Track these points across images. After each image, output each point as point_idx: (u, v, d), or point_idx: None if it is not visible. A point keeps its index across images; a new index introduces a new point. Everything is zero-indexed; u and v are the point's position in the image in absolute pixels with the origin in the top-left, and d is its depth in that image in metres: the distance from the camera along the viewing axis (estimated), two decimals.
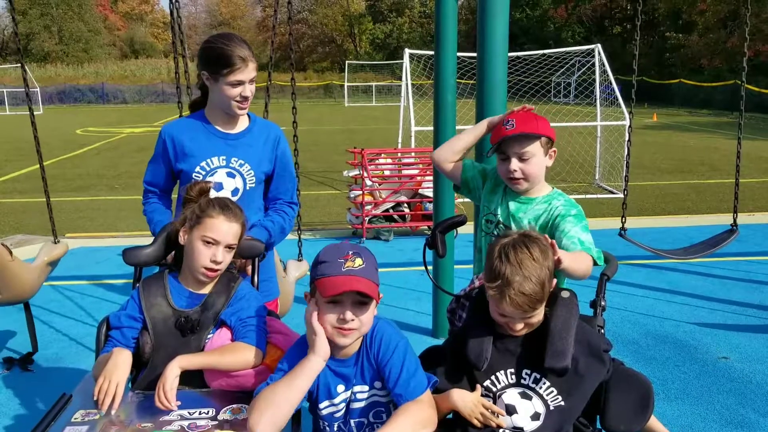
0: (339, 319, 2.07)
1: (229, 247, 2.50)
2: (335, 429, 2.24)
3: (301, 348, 2.19)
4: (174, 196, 3.21)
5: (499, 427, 2.11)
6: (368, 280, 2.07)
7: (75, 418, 2.12)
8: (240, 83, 2.91)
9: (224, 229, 2.48)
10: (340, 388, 2.18)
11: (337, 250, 2.14)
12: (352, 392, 2.19)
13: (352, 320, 2.06)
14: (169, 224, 2.76)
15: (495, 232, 2.63)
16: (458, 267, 5.27)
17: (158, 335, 2.43)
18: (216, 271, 2.48)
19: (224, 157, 3.04)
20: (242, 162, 3.05)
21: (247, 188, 3.07)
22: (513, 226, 2.60)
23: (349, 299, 2.07)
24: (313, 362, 2.09)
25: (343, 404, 2.20)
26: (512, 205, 2.63)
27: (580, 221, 2.52)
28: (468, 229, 3.99)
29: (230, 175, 3.04)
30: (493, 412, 2.11)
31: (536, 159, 2.53)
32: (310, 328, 2.11)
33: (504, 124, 2.53)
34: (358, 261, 2.09)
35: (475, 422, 2.10)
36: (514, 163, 2.51)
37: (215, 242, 2.46)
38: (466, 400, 2.12)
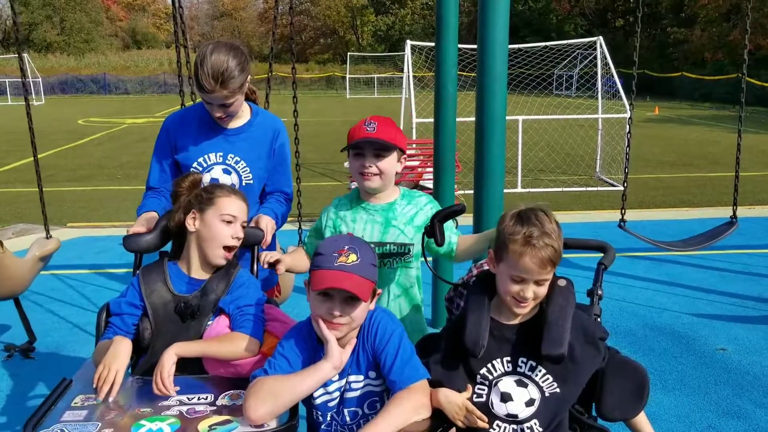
0: (328, 314, 2.09)
1: (243, 224, 2.60)
2: (328, 419, 2.24)
3: (301, 332, 2.22)
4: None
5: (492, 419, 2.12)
6: (360, 277, 2.07)
7: (75, 403, 2.13)
8: (209, 104, 2.90)
9: (239, 205, 2.58)
10: (335, 376, 2.20)
11: (334, 243, 2.15)
12: (346, 381, 2.20)
13: (340, 316, 2.08)
14: (167, 213, 2.78)
15: None
16: None
17: (158, 321, 2.45)
18: (234, 249, 2.56)
19: (221, 154, 3.05)
20: (238, 159, 3.06)
21: (243, 184, 3.08)
22: (388, 237, 2.62)
23: (339, 294, 2.07)
24: (324, 369, 2.11)
25: (338, 392, 2.21)
26: (378, 217, 2.64)
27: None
28: (467, 219, 4.02)
29: (226, 171, 3.06)
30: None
31: (390, 159, 2.59)
32: (321, 335, 2.13)
33: (365, 125, 2.55)
34: (352, 257, 2.09)
35: (459, 424, 2.10)
36: (369, 159, 2.55)
37: (234, 219, 2.54)
38: (450, 401, 2.11)
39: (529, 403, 2.11)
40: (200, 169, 3.04)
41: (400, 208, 2.67)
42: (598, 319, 2.45)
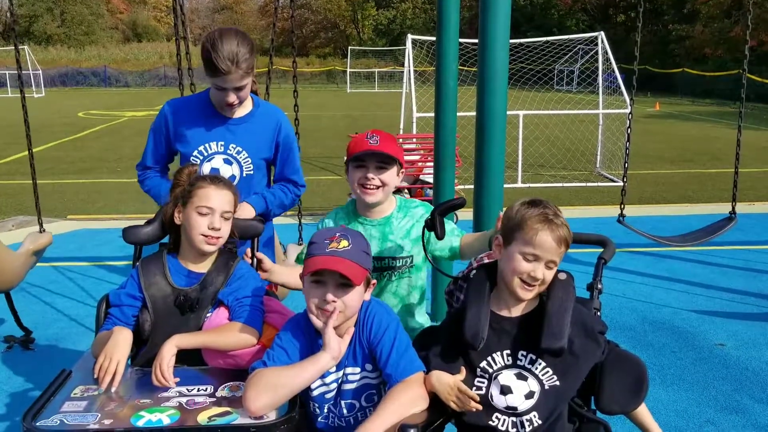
0: (321, 300, 2.09)
1: (224, 214, 2.52)
2: (325, 411, 2.25)
3: (299, 324, 2.22)
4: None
5: (490, 407, 2.13)
6: (351, 261, 2.08)
7: (74, 394, 2.14)
8: (222, 89, 2.89)
9: (217, 196, 2.51)
10: (332, 368, 2.20)
11: (326, 232, 2.18)
12: (344, 373, 2.21)
13: (333, 301, 2.08)
14: (162, 207, 2.78)
15: None
16: None
17: (157, 313, 2.45)
18: (217, 239, 2.50)
19: (222, 143, 3.05)
20: (240, 149, 3.06)
21: (244, 175, 3.08)
22: (385, 252, 2.65)
23: (332, 280, 2.09)
24: (323, 360, 2.11)
25: (335, 384, 2.21)
26: (375, 232, 2.66)
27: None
28: (467, 213, 4.03)
29: (227, 161, 3.05)
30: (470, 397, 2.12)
31: (392, 172, 2.62)
32: (317, 326, 2.14)
33: (368, 138, 2.57)
34: (344, 243, 2.11)
35: (452, 405, 2.10)
36: (372, 171, 2.57)
37: (210, 210, 2.48)
38: (442, 382, 2.11)
39: (529, 395, 2.11)
40: (201, 157, 3.03)
41: (396, 222, 2.69)
42: (598, 314, 2.46)
